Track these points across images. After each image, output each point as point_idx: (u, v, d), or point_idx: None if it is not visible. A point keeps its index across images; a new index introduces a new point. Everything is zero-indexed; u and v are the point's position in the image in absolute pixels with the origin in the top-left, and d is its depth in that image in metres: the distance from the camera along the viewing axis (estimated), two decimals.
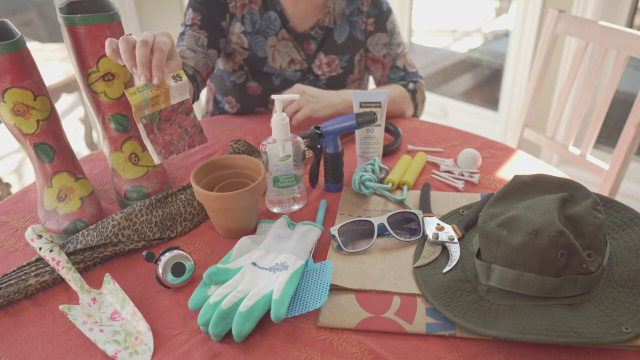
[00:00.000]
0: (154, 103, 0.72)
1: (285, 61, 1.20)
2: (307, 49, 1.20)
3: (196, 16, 1.15)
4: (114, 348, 0.64)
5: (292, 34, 1.18)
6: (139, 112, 0.72)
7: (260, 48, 1.18)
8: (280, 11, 1.17)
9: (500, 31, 3.14)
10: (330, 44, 1.21)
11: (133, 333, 0.66)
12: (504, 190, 0.73)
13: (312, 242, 0.76)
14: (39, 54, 2.36)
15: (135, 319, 0.67)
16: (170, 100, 0.74)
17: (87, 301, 0.70)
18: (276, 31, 1.17)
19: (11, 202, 0.94)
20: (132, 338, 0.65)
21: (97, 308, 0.70)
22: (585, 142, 1.33)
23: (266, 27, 1.17)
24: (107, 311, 0.69)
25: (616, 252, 0.71)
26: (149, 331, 0.65)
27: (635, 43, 1.18)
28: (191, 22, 1.15)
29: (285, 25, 1.17)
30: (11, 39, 0.79)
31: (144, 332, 0.65)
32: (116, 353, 0.63)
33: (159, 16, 2.42)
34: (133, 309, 0.68)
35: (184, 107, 0.74)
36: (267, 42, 1.18)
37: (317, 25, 1.19)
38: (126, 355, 0.63)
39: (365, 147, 0.97)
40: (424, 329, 0.64)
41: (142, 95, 0.70)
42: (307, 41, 1.19)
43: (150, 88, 0.70)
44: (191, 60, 1.11)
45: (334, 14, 1.19)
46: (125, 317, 0.68)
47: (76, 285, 0.71)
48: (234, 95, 1.26)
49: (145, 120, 0.71)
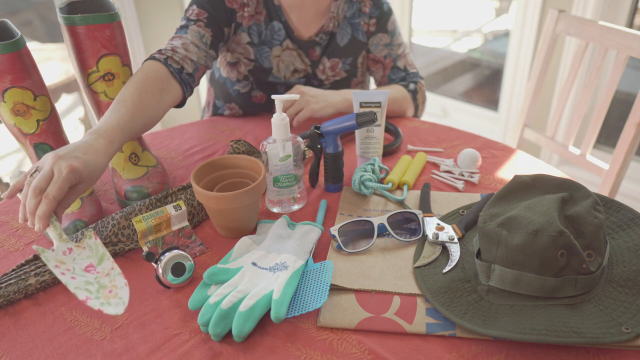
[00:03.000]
0: (157, 230, 0.79)
1: (289, 71, 1.20)
2: (313, 55, 1.19)
3: (202, 13, 1.10)
4: (84, 294, 0.61)
5: (297, 43, 1.18)
6: (144, 237, 0.78)
7: (266, 59, 1.18)
8: (285, 21, 1.16)
9: (500, 31, 3.14)
10: (333, 48, 1.20)
11: (107, 286, 0.63)
12: (504, 190, 0.73)
13: (312, 242, 0.76)
14: (39, 54, 2.36)
15: (113, 274, 0.64)
16: (172, 227, 0.81)
17: (62, 250, 0.67)
18: (280, 41, 1.17)
19: (11, 202, 0.94)
20: (106, 291, 0.62)
21: (71, 258, 0.66)
22: (585, 142, 1.33)
23: (271, 38, 1.17)
24: (81, 263, 0.66)
25: (616, 252, 0.71)
26: (127, 287, 0.63)
27: (635, 43, 1.18)
28: (196, 18, 1.09)
29: (289, 36, 1.17)
30: (11, 39, 0.79)
31: (121, 287, 0.63)
32: (87, 299, 0.60)
33: (159, 16, 2.42)
34: (112, 264, 0.65)
35: (184, 232, 0.82)
36: (272, 52, 1.17)
37: (322, 30, 1.18)
38: (97, 304, 0.60)
39: (365, 147, 0.97)
40: (424, 329, 0.64)
41: (147, 223, 0.78)
42: (313, 48, 1.19)
43: (153, 217, 0.79)
44: (194, 55, 1.04)
45: (338, 19, 1.19)
46: (102, 271, 0.65)
47: (55, 232, 0.67)
48: (237, 103, 1.26)
49: (149, 245, 0.79)
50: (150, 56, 0.97)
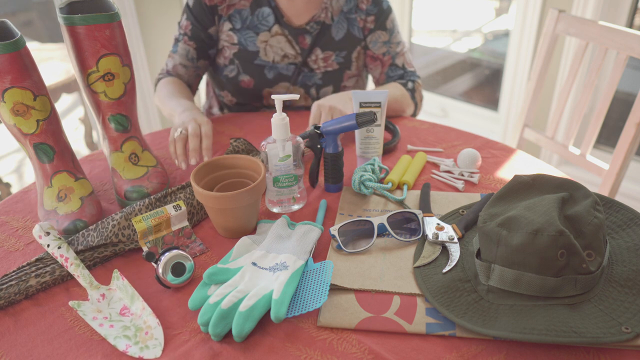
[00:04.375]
0: (156, 230, 0.80)
1: (278, 55, 1.21)
2: (302, 42, 1.20)
3: (188, 25, 1.20)
4: (124, 343, 0.64)
5: (287, 29, 1.18)
6: (144, 238, 0.79)
7: (251, 43, 1.19)
8: (275, 7, 1.17)
9: (500, 31, 3.14)
10: (328, 41, 1.21)
11: (143, 328, 0.66)
12: (504, 190, 0.73)
13: (312, 242, 0.76)
14: (39, 54, 2.36)
15: (145, 314, 0.68)
16: (171, 227, 0.82)
17: (96, 297, 0.71)
18: (269, 27, 1.18)
19: (11, 202, 0.94)
20: (143, 333, 0.66)
21: (106, 304, 0.70)
22: (585, 142, 1.33)
23: (258, 23, 1.18)
24: (116, 307, 0.70)
25: (616, 252, 0.71)
26: (159, 326, 0.66)
27: (635, 43, 1.18)
28: (184, 32, 1.21)
29: (279, 21, 1.18)
30: (11, 39, 0.79)
31: (154, 327, 0.66)
32: (127, 348, 0.63)
33: (159, 16, 2.42)
34: (142, 304, 0.69)
35: (184, 232, 0.82)
36: (259, 37, 1.19)
37: (313, 20, 1.19)
38: (137, 350, 0.63)
39: (365, 147, 0.97)
40: (424, 328, 0.64)
41: (147, 223, 0.78)
42: (302, 35, 1.19)
43: (153, 217, 0.79)
44: (184, 76, 1.25)
45: (332, 10, 1.19)
46: (135, 312, 0.69)
47: (85, 281, 0.72)
48: (228, 89, 1.28)
49: (150, 245, 0.79)
50: (157, 79, 1.25)
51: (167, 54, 2.49)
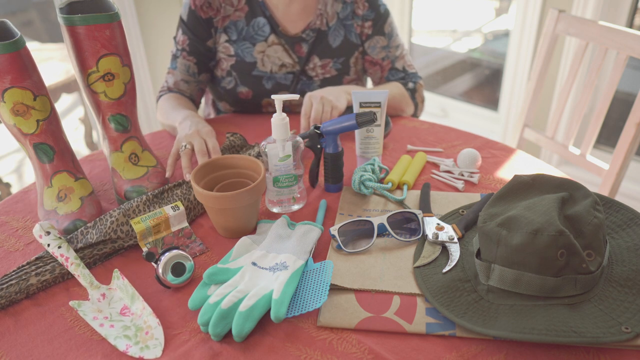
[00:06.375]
0: (156, 231, 0.81)
1: (275, 65, 1.19)
2: (299, 51, 1.19)
3: (185, 40, 1.19)
4: (124, 343, 0.64)
5: (283, 38, 1.17)
6: (143, 239, 0.80)
7: (248, 54, 1.18)
8: (269, 16, 1.16)
9: (500, 31, 3.14)
10: (325, 48, 1.20)
11: (143, 328, 0.66)
12: (503, 190, 0.73)
13: (312, 242, 0.76)
14: (39, 54, 2.36)
15: (145, 314, 0.68)
16: (171, 228, 0.82)
17: (96, 297, 0.71)
18: (265, 37, 1.17)
19: (11, 202, 0.94)
20: (143, 333, 0.66)
21: (106, 303, 0.70)
22: (585, 142, 1.33)
23: (254, 34, 1.17)
24: (116, 306, 0.70)
25: (616, 252, 0.71)
26: (159, 326, 0.66)
27: (635, 43, 1.18)
28: (181, 47, 1.19)
29: (275, 30, 1.17)
30: (11, 39, 0.79)
31: (154, 327, 0.66)
32: (127, 348, 0.63)
33: (159, 16, 2.42)
34: (143, 304, 0.69)
35: (184, 232, 0.83)
36: (255, 48, 1.18)
37: (309, 27, 1.18)
38: (137, 350, 0.63)
39: (365, 147, 0.97)
40: (424, 328, 0.64)
41: (145, 224, 0.79)
42: (299, 43, 1.18)
43: (151, 218, 0.80)
44: (187, 92, 1.23)
45: (327, 16, 1.18)
46: (135, 312, 0.69)
47: (85, 281, 0.72)
48: (227, 100, 1.26)
49: (149, 246, 0.80)
50: (158, 96, 1.23)
51: (167, 54, 2.49)
